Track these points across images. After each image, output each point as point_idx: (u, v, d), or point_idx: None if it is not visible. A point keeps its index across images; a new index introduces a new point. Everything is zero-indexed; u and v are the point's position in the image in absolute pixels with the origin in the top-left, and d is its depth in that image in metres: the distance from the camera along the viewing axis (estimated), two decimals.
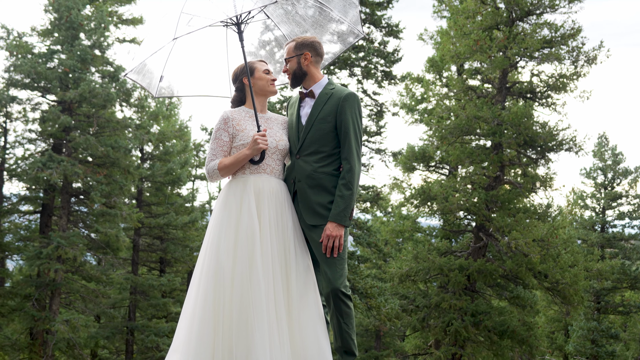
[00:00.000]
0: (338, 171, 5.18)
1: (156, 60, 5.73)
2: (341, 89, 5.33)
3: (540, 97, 20.19)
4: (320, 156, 5.17)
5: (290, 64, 5.41)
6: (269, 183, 5.19)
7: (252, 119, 5.30)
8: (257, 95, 5.44)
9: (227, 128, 5.26)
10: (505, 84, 20.12)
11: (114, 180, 20.33)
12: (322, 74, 5.48)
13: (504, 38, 19.01)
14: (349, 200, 5.08)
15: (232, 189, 5.23)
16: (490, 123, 19.09)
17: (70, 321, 18.56)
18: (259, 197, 5.14)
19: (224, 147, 5.24)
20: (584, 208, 34.51)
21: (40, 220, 21.48)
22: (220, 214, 5.23)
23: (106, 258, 21.69)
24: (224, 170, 5.19)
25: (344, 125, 5.13)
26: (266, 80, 5.43)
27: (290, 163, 5.33)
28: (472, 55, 19.43)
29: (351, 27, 5.89)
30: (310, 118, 5.22)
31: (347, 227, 5.16)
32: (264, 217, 5.10)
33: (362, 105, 5.60)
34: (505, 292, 20.50)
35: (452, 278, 18.95)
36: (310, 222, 5.16)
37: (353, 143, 5.16)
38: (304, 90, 5.44)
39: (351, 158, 5.12)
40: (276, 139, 5.24)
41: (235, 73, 5.53)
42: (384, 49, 20.24)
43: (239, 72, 5.50)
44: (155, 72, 5.80)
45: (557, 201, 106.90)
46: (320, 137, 5.16)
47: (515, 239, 18.02)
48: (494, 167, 19.19)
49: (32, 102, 20.89)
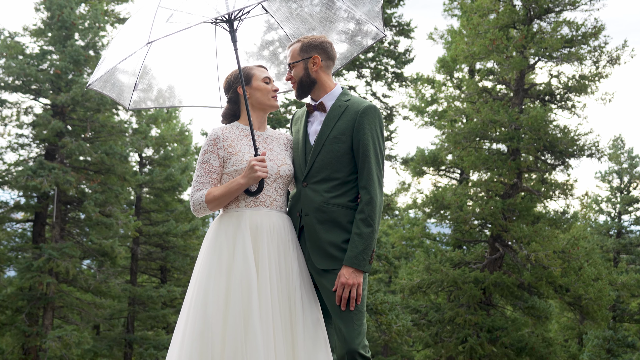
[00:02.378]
0: (355, 202, 4.32)
1: (128, 65, 4.71)
2: (358, 101, 4.44)
3: (560, 99, 19.14)
4: (333, 184, 4.31)
5: (295, 70, 4.50)
6: (268, 218, 4.29)
7: (247, 139, 4.41)
8: (255, 109, 4.45)
9: (216, 150, 4.33)
10: (522, 86, 19.07)
11: (109, 188, 19.36)
12: (334, 82, 4.57)
13: (522, 37, 17.95)
14: (368, 239, 4.20)
15: (224, 226, 4.31)
16: (508, 127, 18.05)
17: (62, 337, 17.57)
18: (257, 235, 4.25)
19: (213, 174, 4.33)
20: (598, 212, 33.57)
21: (34, 230, 20.51)
22: (208, 257, 4.30)
23: (101, 270, 20.65)
24: (213, 203, 4.27)
25: (362, 145, 4.27)
26: (266, 91, 4.45)
27: (296, 192, 4.47)
28: (487, 56, 18.39)
29: (369, 26, 4.86)
30: (321, 137, 4.36)
31: (367, 272, 4.26)
32: (262, 260, 4.21)
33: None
34: (519, 302, 19.51)
35: (466, 291, 17.93)
36: (321, 266, 4.29)
37: (373, 168, 4.28)
38: (312, 103, 4.54)
39: (371, 186, 4.25)
40: (278, 162, 4.36)
41: (228, 81, 4.54)
42: (394, 49, 19.17)
43: (233, 80, 4.51)
44: (127, 81, 4.77)
45: (572, 206, 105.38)
46: (332, 161, 4.30)
47: (535, 250, 16.98)
48: (511, 173, 18.14)
49: (21, 105, 19.89)
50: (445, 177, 23.78)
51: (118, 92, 4.75)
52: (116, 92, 4.75)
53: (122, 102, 4.81)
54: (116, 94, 4.75)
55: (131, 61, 4.71)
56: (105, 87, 4.66)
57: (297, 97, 4.52)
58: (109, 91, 4.69)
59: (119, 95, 4.76)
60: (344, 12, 4.86)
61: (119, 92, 4.76)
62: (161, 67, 4.96)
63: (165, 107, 5.02)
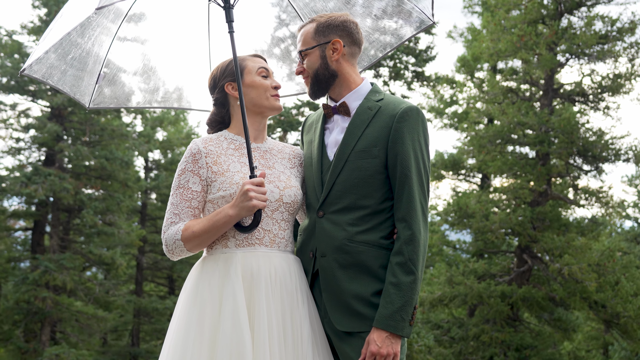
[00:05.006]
0: (390, 240, 3.20)
1: (87, 45, 3.52)
2: (395, 101, 3.30)
3: (593, 100, 17.81)
4: (360, 214, 3.19)
5: (308, 59, 3.36)
6: (268, 262, 3.16)
7: (240, 153, 3.31)
8: (249, 113, 3.26)
9: (197, 169, 3.22)
10: (551, 85, 17.75)
11: (110, 196, 18.15)
12: (360, 76, 3.40)
13: (552, 33, 16.64)
14: (409, 291, 3.08)
15: (206, 274, 3.18)
16: (537, 130, 16.74)
17: (60, 355, 16.42)
18: (252, 286, 3.11)
19: (193, 202, 3.20)
20: (625, 218, 32.25)
21: (32, 239, 19.38)
22: (185, 317, 3.16)
23: (104, 281, 19.51)
24: (192, 242, 3.13)
25: (400, 162, 3.15)
26: (262, 88, 3.30)
27: (309, 224, 3.32)
28: (514, 53, 17.08)
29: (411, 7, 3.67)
30: (344, 149, 3.23)
31: (406, 337, 3.14)
32: (260, 321, 3.06)
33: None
34: (545, 314, 18.24)
35: (493, 306, 16.63)
36: (343, 328, 3.15)
37: (416, 192, 3.17)
38: (331, 104, 3.38)
39: (412, 218, 3.14)
40: (281, 185, 3.26)
41: (213, 76, 3.38)
42: (414, 46, 17.91)
43: (220, 75, 3.32)
44: (87, 67, 3.57)
45: (595, 212, 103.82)
46: (359, 183, 3.19)
47: (568, 264, 15.66)
48: (541, 180, 16.82)
49: (18, 108, 18.76)
50: (465, 181, 22.77)
51: (72, 85, 3.55)
52: (69, 84, 3.54)
53: (79, 97, 3.60)
54: (69, 87, 3.54)
55: (90, 38, 3.53)
56: (52, 75, 3.44)
57: (312, 97, 3.37)
58: (57, 82, 3.47)
59: (74, 88, 3.56)
60: None
61: (73, 84, 3.55)
62: (136, 54, 3.82)
63: (138, 108, 3.83)
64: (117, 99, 3.71)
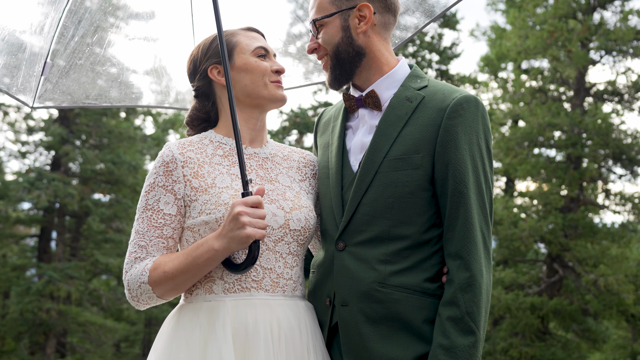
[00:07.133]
0: (438, 284, 2.32)
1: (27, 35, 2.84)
2: (444, 89, 2.41)
3: (628, 99, 16.86)
4: (396, 247, 2.31)
5: (326, 31, 2.47)
6: (269, 313, 2.31)
7: (229, 161, 2.45)
8: (242, 106, 2.37)
9: (171, 184, 2.36)
10: (583, 85, 16.80)
11: (117, 202, 17.38)
12: (396, 56, 2.54)
13: (585, 29, 15.70)
14: (467, 357, 2.19)
15: (183, 330, 2.33)
16: (569, 131, 15.80)
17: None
18: (247, 348, 2.25)
19: (165, 230, 2.35)
20: None
21: (39, 246, 18.68)
22: None
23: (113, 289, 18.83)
24: (164, 285, 2.30)
25: (454, 174, 2.29)
26: (259, 71, 2.43)
27: (324, 258, 2.45)
28: (544, 50, 16.15)
29: None
30: (373, 156, 2.38)
31: None
32: None
33: None
34: (574, 324, 17.29)
35: (522, 319, 15.68)
36: None
37: (475, 218, 2.28)
38: (356, 94, 2.50)
39: (471, 254, 2.25)
40: (286, 206, 2.41)
41: (192, 58, 2.52)
42: (438, 43, 17.03)
43: (202, 56, 2.47)
44: (31, 58, 2.81)
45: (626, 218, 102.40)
46: (395, 203, 2.32)
47: (603, 274, 14.68)
48: (573, 184, 15.86)
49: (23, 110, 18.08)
50: None
51: (10, 82, 2.80)
52: (6, 80, 2.80)
53: (21, 96, 2.82)
54: (6, 84, 2.79)
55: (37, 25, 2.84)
56: None
57: (331, 85, 2.50)
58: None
59: (12, 85, 2.82)
60: None
61: (11, 81, 2.80)
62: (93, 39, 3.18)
63: (98, 107, 3.04)
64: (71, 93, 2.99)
